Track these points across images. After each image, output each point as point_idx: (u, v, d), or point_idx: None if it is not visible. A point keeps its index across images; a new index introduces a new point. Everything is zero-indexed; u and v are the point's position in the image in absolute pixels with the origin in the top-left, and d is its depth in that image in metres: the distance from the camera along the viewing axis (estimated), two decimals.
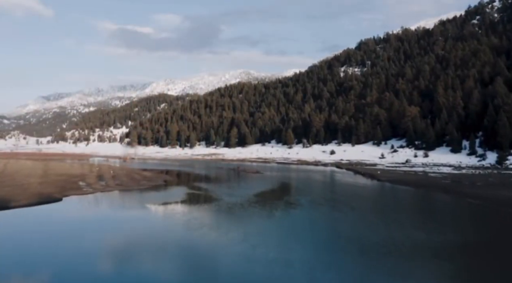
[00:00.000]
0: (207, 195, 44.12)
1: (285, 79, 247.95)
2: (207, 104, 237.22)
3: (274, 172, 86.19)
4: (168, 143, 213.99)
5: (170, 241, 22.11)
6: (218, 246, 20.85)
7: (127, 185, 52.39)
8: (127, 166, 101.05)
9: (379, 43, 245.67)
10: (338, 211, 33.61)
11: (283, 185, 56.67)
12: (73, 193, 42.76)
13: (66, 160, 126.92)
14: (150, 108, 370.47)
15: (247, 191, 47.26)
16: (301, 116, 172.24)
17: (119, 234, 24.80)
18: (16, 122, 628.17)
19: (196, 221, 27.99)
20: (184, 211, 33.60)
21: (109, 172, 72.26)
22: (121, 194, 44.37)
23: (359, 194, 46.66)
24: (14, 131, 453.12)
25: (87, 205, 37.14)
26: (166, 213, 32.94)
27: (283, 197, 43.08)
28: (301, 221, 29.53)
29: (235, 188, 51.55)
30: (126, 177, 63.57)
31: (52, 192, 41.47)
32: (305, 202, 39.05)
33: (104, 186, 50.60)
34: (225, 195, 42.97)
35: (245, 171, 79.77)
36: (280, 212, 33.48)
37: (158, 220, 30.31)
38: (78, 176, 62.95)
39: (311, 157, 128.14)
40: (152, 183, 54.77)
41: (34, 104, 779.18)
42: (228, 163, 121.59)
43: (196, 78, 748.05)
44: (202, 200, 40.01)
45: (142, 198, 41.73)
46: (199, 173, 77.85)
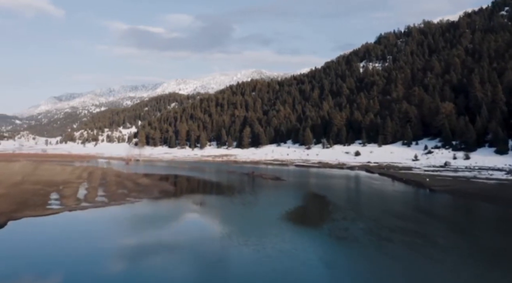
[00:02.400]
0: (212, 221, 31.73)
1: (300, 76, 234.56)
2: (218, 102, 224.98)
3: (296, 177, 73.61)
4: (177, 143, 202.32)
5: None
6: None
7: (111, 198, 40.63)
8: (128, 169, 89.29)
9: (400, 37, 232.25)
10: (422, 253, 20.82)
11: (314, 199, 43.94)
12: (29, 214, 31.71)
13: (64, 162, 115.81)
14: (160, 107, 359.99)
15: (269, 210, 34.72)
16: (320, 114, 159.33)
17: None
18: (28, 123, 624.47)
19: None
20: (166, 261, 20.84)
21: (100, 179, 60.54)
22: (92, 215, 32.82)
23: (427, 214, 33.63)
24: (24, 131, 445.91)
25: (23, 238, 24.81)
26: (131, 266, 20.15)
27: (322, 222, 30.32)
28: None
29: (252, 205, 38.89)
30: (117, 185, 51.74)
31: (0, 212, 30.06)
32: (359, 232, 26.40)
33: (80, 200, 39.01)
34: (238, 220, 30.66)
35: (261, 177, 67.18)
36: (330, 259, 20.69)
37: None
38: (58, 184, 51.62)
39: (334, 158, 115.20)
40: (144, 195, 42.84)
41: (46, 105, 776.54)
42: (241, 165, 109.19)
43: (208, 78, 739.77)
44: (204, 234, 27.39)
45: (115, 224, 29.60)
46: (207, 180, 65.44)
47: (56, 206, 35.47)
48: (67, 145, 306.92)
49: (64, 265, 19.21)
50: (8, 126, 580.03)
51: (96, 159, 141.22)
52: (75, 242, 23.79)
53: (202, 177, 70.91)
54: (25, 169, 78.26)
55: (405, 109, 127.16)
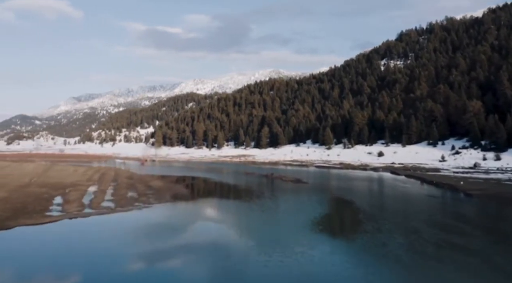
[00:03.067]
0: (228, 232, 28.00)
1: (319, 74, 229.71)
2: (236, 102, 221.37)
3: (317, 179, 69.61)
4: (194, 143, 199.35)
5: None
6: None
7: (118, 203, 37.29)
8: (142, 170, 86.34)
9: (422, 34, 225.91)
10: (482, 279, 16.83)
11: (340, 205, 39.94)
12: (23, 222, 28.93)
13: (79, 163, 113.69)
14: (178, 107, 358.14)
15: (291, 219, 30.94)
16: (340, 114, 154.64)
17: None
18: (48, 123, 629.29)
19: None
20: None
21: (110, 181, 57.45)
22: (93, 223, 29.66)
23: (472, 224, 29.34)
24: (43, 131, 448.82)
25: (4, 254, 21.49)
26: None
27: (354, 235, 26.36)
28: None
29: (272, 212, 35.04)
30: (127, 188, 48.44)
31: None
32: (400, 249, 22.57)
33: (85, 205, 35.66)
34: (258, 230, 26.91)
35: (281, 179, 63.32)
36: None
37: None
38: (66, 186, 48.69)
39: (356, 159, 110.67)
40: (154, 200, 39.45)
41: (65, 105, 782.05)
42: (259, 166, 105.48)
43: (225, 78, 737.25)
44: (219, 249, 23.54)
45: (116, 236, 26.04)
46: (224, 182, 61.79)
47: (56, 212, 32.33)
48: (85, 145, 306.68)
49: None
50: (28, 127, 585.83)
51: (111, 159, 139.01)
52: (65, 259, 20.32)
53: (219, 179, 67.37)
54: (37, 170, 75.88)
55: (430, 107, 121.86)
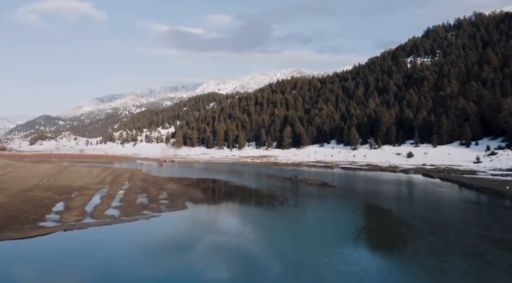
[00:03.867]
0: (249, 249, 23.29)
1: (343, 72, 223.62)
2: (258, 101, 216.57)
3: (345, 182, 64.57)
4: (215, 144, 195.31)
5: None
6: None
7: (124, 210, 33.11)
8: (159, 171, 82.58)
9: (450, 30, 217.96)
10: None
11: (377, 214, 34.98)
12: (10, 235, 25.83)
13: (96, 163, 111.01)
14: (199, 107, 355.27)
15: (322, 232, 26.18)
16: (366, 113, 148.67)
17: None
18: (71, 123, 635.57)
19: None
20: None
21: (123, 184, 53.59)
22: (90, 237, 25.52)
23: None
24: (66, 132, 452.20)
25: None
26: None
27: (402, 257, 21.49)
28: None
29: (299, 223, 30.26)
30: (138, 192, 44.43)
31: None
32: (466, 280, 17.41)
33: (86, 213, 31.56)
34: (284, 247, 22.23)
35: (306, 182, 58.48)
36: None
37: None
38: (73, 190, 45.06)
39: (384, 160, 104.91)
40: (166, 207, 35.32)
41: (88, 106, 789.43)
42: (282, 167, 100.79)
43: (247, 78, 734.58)
44: (239, 275, 18.93)
45: (113, 254, 21.61)
46: (245, 185, 57.17)
47: (52, 222, 28.32)
48: (107, 145, 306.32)
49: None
50: (52, 127, 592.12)
51: (130, 160, 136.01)
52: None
53: (239, 181, 62.87)
54: (50, 171, 72.81)
55: (462, 106, 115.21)
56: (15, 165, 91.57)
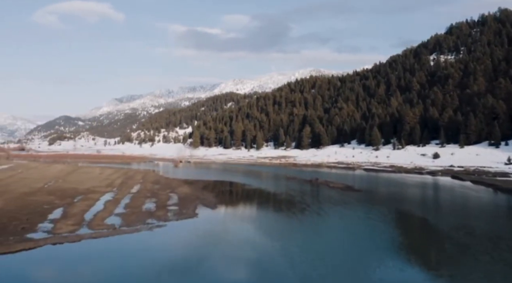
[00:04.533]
0: (265, 276, 19.35)
1: (363, 71, 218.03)
2: (276, 100, 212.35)
3: (370, 185, 60.31)
4: (232, 144, 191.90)
5: None
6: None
7: (127, 219, 29.52)
8: (174, 172, 79.34)
9: (474, 26, 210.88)
10: None
11: (413, 225, 30.88)
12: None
13: (111, 164, 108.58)
14: (217, 107, 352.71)
15: (354, 249, 22.20)
16: (388, 112, 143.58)
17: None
18: (90, 124, 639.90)
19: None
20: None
21: (132, 186, 50.30)
22: (80, 252, 22.08)
23: None
24: (84, 132, 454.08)
25: None
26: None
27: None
28: None
29: (324, 235, 26.21)
30: (147, 196, 40.98)
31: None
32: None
33: (84, 222, 28.07)
34: (309, 268, 18.35)
35: (327, 185, 54.35)
36: None
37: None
38: (77, 194, 42.06)
39: (408, 161, 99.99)
40: (173, 215, 31.79)
41: (107, 106, 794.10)
42: (301, 168, 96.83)
43: (265, 78, 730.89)
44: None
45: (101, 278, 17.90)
46: (262, 189, 53.26)
47: (42, 233, 24.89)
48: (124, 146, 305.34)
49: None
50: (71, 128, 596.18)
51: (147, 160, 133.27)
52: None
53: (256, 184, 59.01)
54: (61, 173, 70.00)
55: (491, 104, 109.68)
56: (27, 166, 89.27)
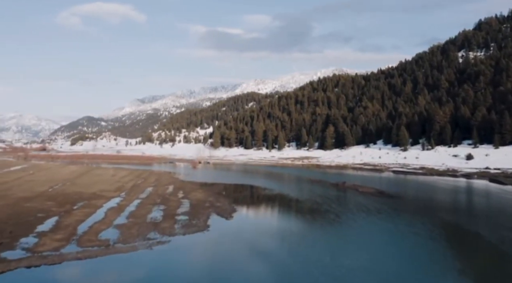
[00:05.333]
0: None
1: (388, 69, 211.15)
2: (298, 100, 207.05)
3: (402, 189, 54.96)
4: (254, 144, 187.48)
5: None
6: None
7: (126, 232, 25.17)
8: (191, 174, 75.23)
9: (504, 22, 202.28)
10: None
11: (472, 245, 25.67)
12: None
13: (128, 164, 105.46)
14: (238, 107, 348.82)
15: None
16: (416, 111, 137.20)
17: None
18: (112, 124, 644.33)
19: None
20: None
21: (142, 191, 46.21)
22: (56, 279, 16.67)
23: None
24: (106, 132, 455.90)
25: None
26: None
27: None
28: None
29: (367, 259, 21.11)
30: (155, 203, 36.73)
31: None
32: None
33: (74, 237, 23.80)
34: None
35: (356, 190, 49.35)
36: None
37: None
38: (79, 200, 38.33)
39: (439, 163, 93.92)
40: (181, 227, 27.30)
41: (130, 107, 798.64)
42: (325, 170, 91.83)
43: (287, 78, 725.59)
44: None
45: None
46: (284, 194, 48.39)
47: (20, 251, 20.78)
48: (145, 146, 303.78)
49: None
50: (94, 128, 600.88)
51: (165, 161, 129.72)
52: None
53: (278, 188, 54.23)
54: (72, 175, 66.42)
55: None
56: (41, 167, 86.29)
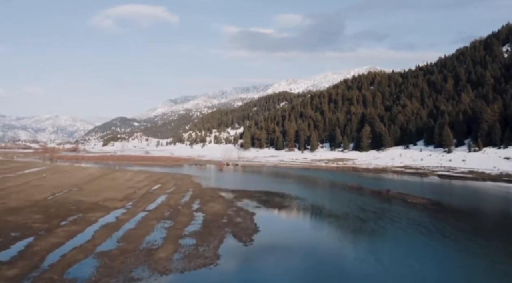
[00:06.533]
0: None
1: (427, 65, 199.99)
2: (332, 98, 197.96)
3: (457, 199, 46.80)
4: (285, 145, 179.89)
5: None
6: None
7: (106, 269, 18.19)
8: (217, 177, 68.99)
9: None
10: None
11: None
12: None
13: (153, 166, 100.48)
14: (269, 107, 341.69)
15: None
16: (460, 109, 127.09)
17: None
18: (145, 125, 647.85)
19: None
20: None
21: (153, 199, 40.02)
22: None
23: None
24: (138, 133, 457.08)
25: None
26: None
27: None
28: None
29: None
30: (164, 217, 30.22)
31: None
32: None
33: (27, 277, 16.73)
34: None
35: (404, 199, 41.61)
36: None
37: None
38: (76, 211, 33.67)
39: (490, 166, 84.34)
40: (180, 261, 19.85)
41: (162, 108, 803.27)
42: (362, 174, 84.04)
43: (319, 77, 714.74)
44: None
45: None
46: (319, 206, 41.06)
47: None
48: (175, 146, 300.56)
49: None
50: (127, 129, 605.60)
51: (193, 162, 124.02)
52: None
53: (311, 197, 47.00)
54: (84, 179, 61.00)
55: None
56: (58, 169, 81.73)
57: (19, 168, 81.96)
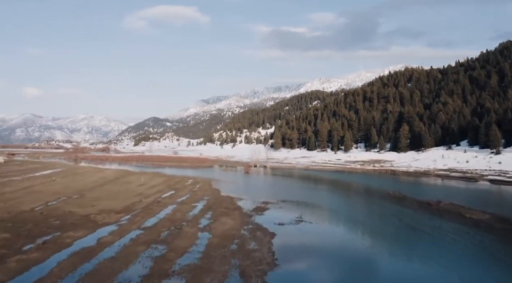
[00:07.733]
0: None
1: (469, 61, 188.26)
2: (366, 96, 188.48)
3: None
4: (317, 145, 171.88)
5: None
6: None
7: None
8: (241, 181, 62.59)
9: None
10: None
11: None
12: None
13: (177, 167, 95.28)
14: (302, 106, 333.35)
15: None
16: (508, 106, 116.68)
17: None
18: (177, 125, 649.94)
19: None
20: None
21: (158, 211, 33.66)
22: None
23: None
24: (169, 133, 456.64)
25: None
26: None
27: None
28: None
29: None
30: (158, 240, 23.44)
31: None
32: None
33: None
34: None
35: (461, 215, 33.96)
36: None
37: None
38: (53, 229, 25.81)
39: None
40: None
41: (194, 108, 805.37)
42: (401, 177, 76.09)
43: (353, 76, 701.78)
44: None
45: None
46: (355, 221, 33.79)
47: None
48: (205, 147, 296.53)
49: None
50: (159, 129, 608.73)
51: (219, 164, 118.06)
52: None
53: (346, 210, 39.86)
54: (94, 183, 55.66)
55: None
56: (72, 171, 76.91)
57: (34, 170, 77.85)
